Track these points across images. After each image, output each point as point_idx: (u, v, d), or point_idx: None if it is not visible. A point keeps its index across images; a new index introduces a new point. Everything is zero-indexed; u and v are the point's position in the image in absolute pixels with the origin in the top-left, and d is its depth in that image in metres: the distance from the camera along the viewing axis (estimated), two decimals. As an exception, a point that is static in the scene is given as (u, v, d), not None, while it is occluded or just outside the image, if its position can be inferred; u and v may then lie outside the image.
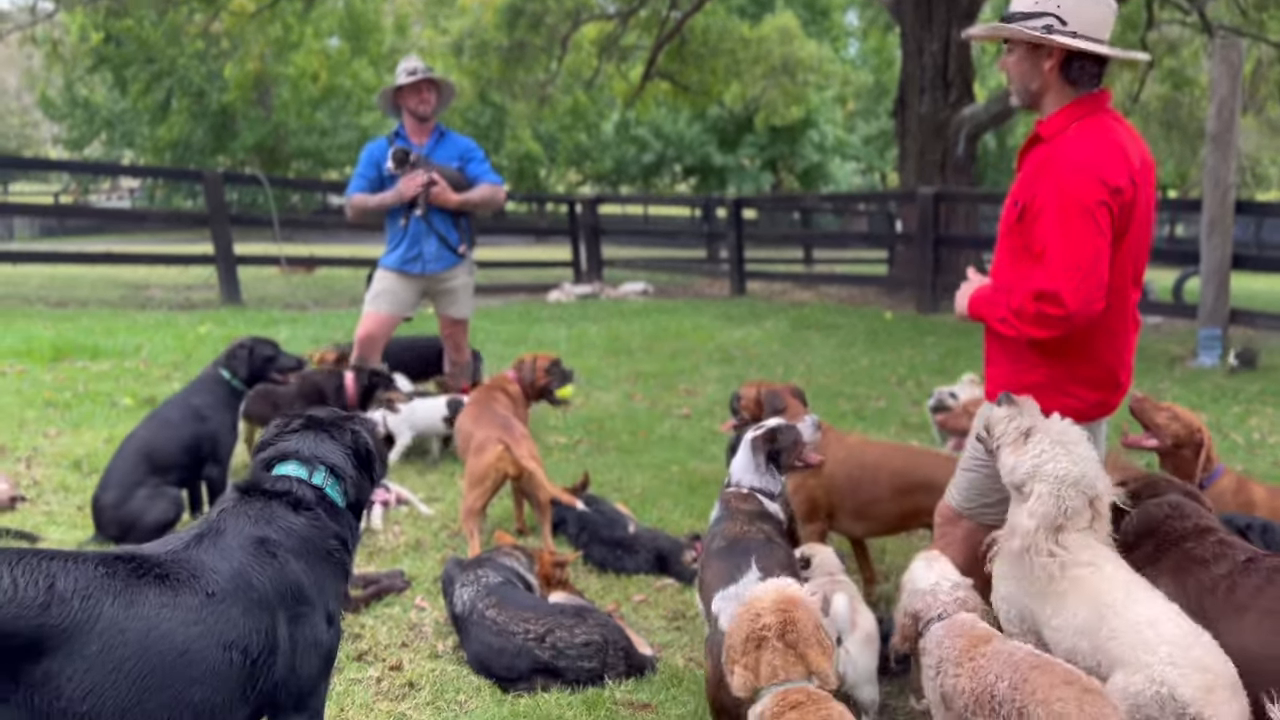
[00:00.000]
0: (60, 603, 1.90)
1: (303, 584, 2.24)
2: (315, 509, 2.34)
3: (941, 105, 14.06)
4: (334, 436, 2.48)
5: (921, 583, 2.70)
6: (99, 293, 13.66)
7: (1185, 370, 8.95)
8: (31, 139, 47.91)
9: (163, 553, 2.14)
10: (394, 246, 6.12)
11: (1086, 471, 2.75)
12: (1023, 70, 2.97)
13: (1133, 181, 2.82)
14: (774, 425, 3.37)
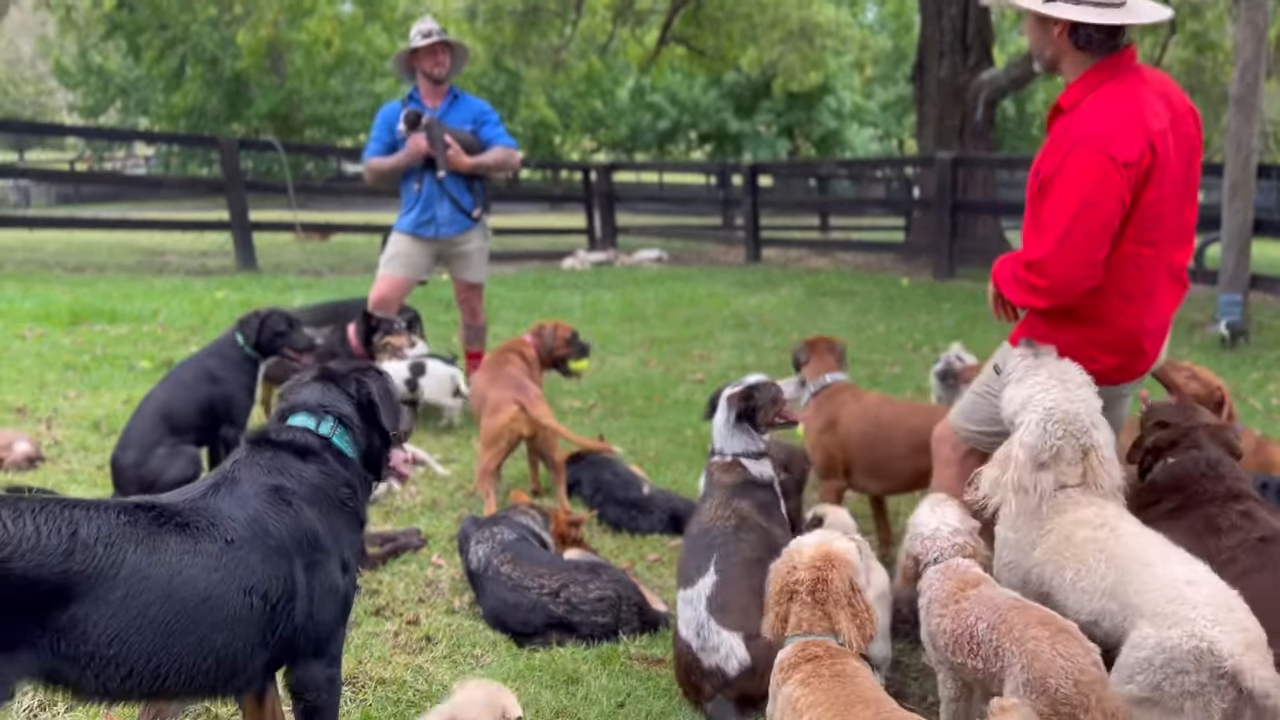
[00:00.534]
0: (84, 549, 1.92)
1: (318, 531, 2.26)
2: (323, 456, 2.36)
3: (960, 69, 13.88)
4: (341, 387, 2.49)
5: (924, 526, 2.73)
6: (116, 258, 13.73)
7: (1205, 336, 8.89)
8: (47, 107, 47.97)
9: (181, 502, 2.16)
10: (408, 210, 6.11)
11: (1080, 413, 2.73)
12: (1036, 37, 2.96)
13: (1151, 147, 2.77)
14: (751, 383, 3.33)
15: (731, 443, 3.25)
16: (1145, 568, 2.49)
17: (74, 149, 39.51)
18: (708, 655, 2.82)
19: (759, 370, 7.42)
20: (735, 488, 3.13)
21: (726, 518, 3.02)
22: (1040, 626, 2.29)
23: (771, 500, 3.17)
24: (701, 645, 2.83)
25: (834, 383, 4.19)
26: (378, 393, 2.50)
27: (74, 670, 1.94)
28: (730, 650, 2.80)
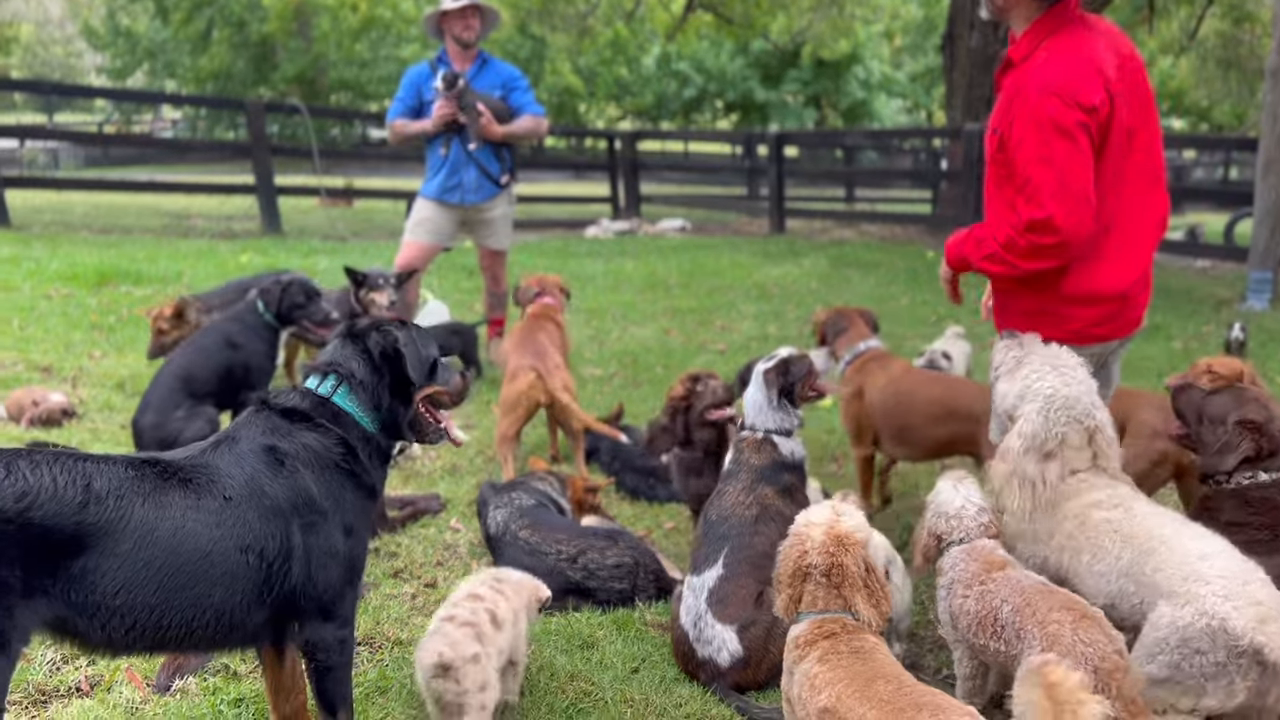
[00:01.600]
0: (97, 502, 1.96)
1: (313, 493, 2.26)
2: (314, 418, 2.33)
3: (991, 40, 13.67)
4: (354, 342, 2.44)
5: (948, 505, 2.70)
6: (142, 220, 13.81)
7: (1233, 314, 8.77)
8: (75, 68, 48.17)
9: (183, 458, 2.19)
10: (433, 175, 6.10)
11: (1080, 395, 2.71)
12: None
13: (1109, 93, 2.74)
14: (785, 356, 3.30)
15: (765, 418, 3.21)
16: (1161, 544, 2.47)
17: (102, 111, 39.72)
18: (701, 646, 2.85)
19: (782, 341, 7.41)
20: (763, 470, 3.10)
21: (748, 505, 2.99)
22: (1064, 610, 2.28)
23: (797, 482, 3.14)
24: (697, 636, 2.86)
25: (867, 350, 4.22)
26: (402, 342, 2.42)
27: (82, 620, 1.97)
28: (723, 643, 2.81)
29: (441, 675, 2.44)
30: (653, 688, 2.86)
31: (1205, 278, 11.12)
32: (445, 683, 2.44)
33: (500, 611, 2.63)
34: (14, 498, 1.87)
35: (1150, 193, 2.93)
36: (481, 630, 2.53)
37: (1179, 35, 19.83)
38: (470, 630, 2.52)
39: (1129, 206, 2.89)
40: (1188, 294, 9.80)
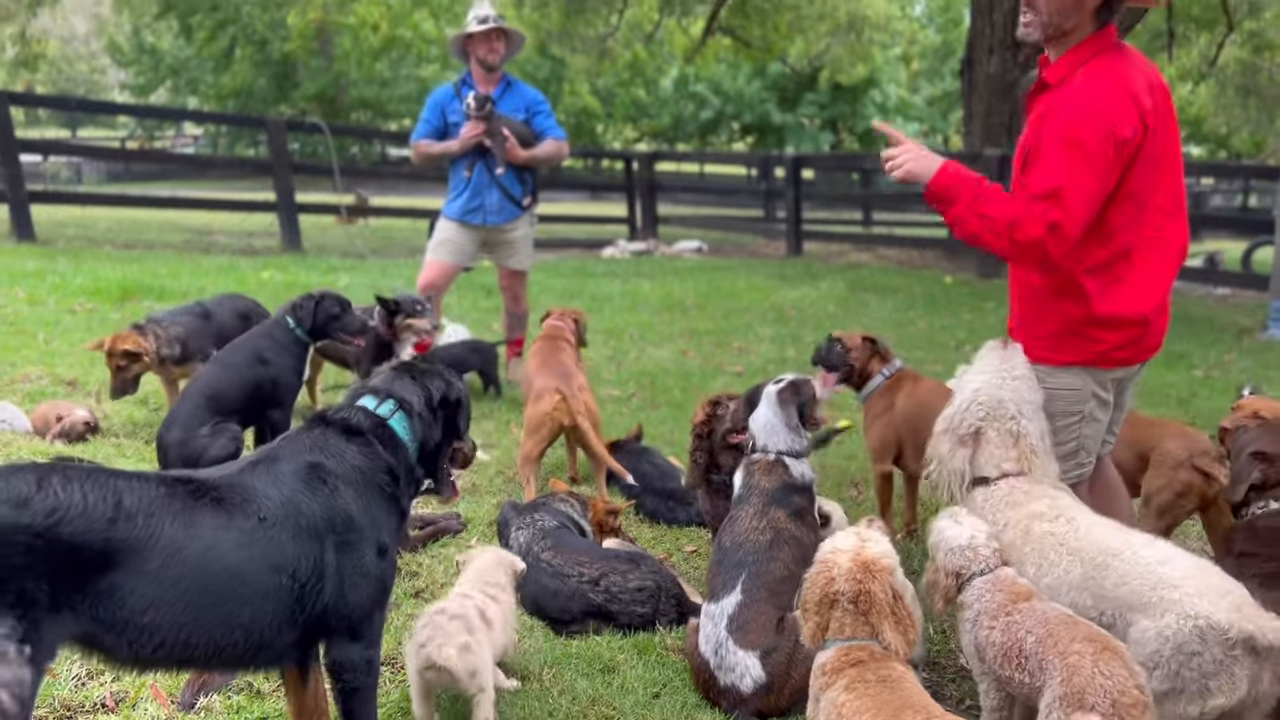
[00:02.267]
0: (126, 519, 1.97)
1: (352, 512, 2.28)
2: (368, 437, 2.38)
3: (1010, 65, 13.68)
4: (415, 379, 2.53)
5: (957, 539, 2.66)
6: (164, 236, 13.94)
7: (1254, 342, 8.73)
8: (99, 84, 48.74)
9: (219, 477, 2.21)
10: (456, 196, 6.15)
11: (1007, 398, 2.85)
12: (1064, 3, 2.82)
13: (1143, 123, 2.75)
14: (794, 379, 3.31)
15: (778, 439, 3.22)
16: (1114, 558, 2.54)
17: (125, 127, 40.14)
18: (723, 674, 2.83)
19: (801, 365, 7.41)
20: (774, 493, 3.09)
21: (761, 530, 2.99)
22: (1086, 642, 2.26)
23: (808, 504, 3.14)
24: (718, 664, 2.84)
25: (901, 369, 4.26)
26: (452, 397, 2.56)
27: (109, 636, 1.99)
28: (745, 669, 2.80)
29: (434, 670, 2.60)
30: (674, 713, 2.85)
31: (1226, 305, 11.07)
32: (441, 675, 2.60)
33: (490, 610, 2.78)
34: (44, 513, 1.89)
35: (1172, 221, 2.95)
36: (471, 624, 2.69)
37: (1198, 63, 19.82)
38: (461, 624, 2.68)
39: (1152, 233, 2.91)
40: (1209, 322, 9.76)
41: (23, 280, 8.55)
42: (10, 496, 1.88)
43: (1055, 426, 3.04)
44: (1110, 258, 2.86)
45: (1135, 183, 2.83)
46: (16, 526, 1.86)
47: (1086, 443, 3.08)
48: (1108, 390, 3.04)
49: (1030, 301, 3.03)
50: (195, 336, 5.06)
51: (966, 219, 2.83)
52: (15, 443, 4.64)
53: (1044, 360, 3.02)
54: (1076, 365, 2.96)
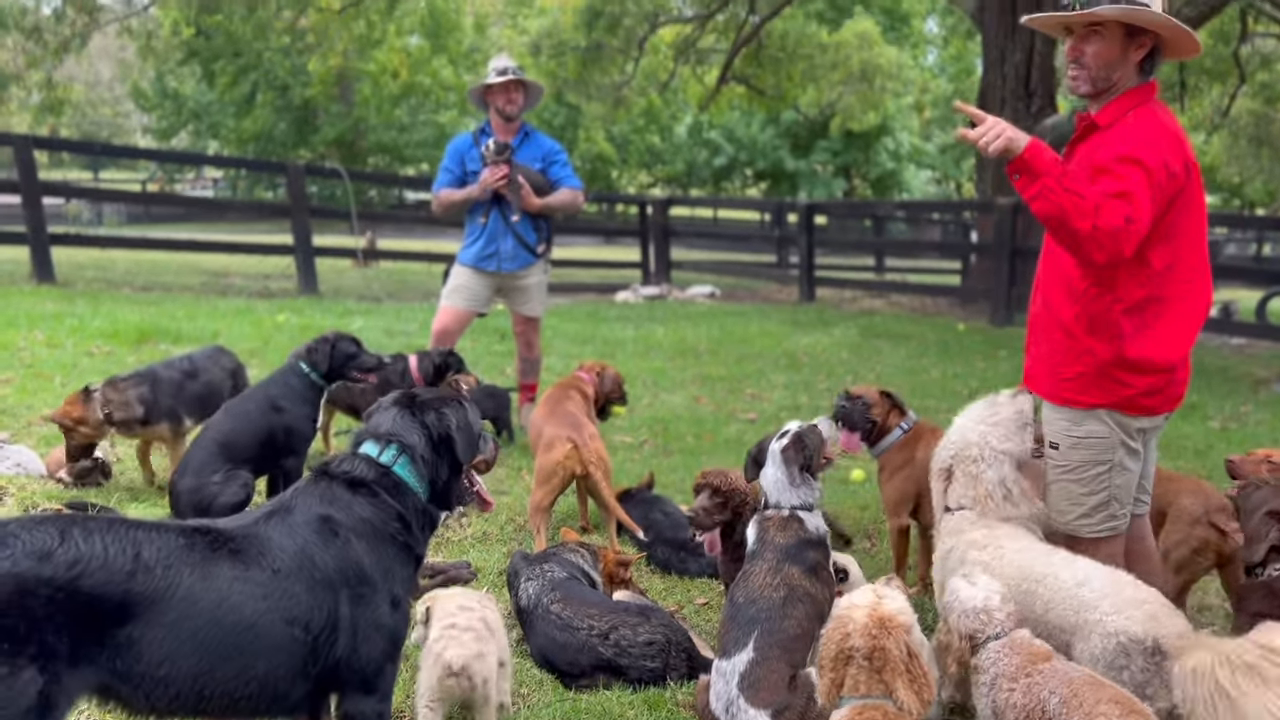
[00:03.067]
0: (145, 571, 1.98)
1: (364, 565, 2.28)
2: (375, 489, 2.37)
3: (1023, 115, 13.77)
4: (417, 415, 2.49)
5: (971, 601, 2.65)
6: (182, 279, 14.07)
7: (1270, 393, 8.67)
8: (122, 128, 49.56)
9: (236, 528, 2.21)
10: (471, 242, 6.20)
11: (973, 441, 3.13)
12: (1111, 58, 2.96)
13: (1186, 167, 2.88)
14: (798, 430, 3.27)
15: (789, 495, 3.18)
16: (1038, 584, 2.76)
17: (146, 169, 40.70)
18: None
19: (814, 412, 7.39)
20: (788, 549, 3.05)
21: (775, 587, 2.95)
22: (1112, 704, 2.24)
23: (822, 559, 3.10)
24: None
25: (920, 421, 4.26)
26: (457, 425, 2.50)
27: (126, 687, 1.99)
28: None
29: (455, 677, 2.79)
30: (684, 770, 2.82)
31: (1241, 355, 11.02)
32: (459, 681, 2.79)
33: (490, 618, 3.00)
34: (66, 565, 1.90)
35: (1201, 278, 3.03)
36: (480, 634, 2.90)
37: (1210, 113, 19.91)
38: (473, 634, 2.88)
39: (1184, 285, 2.99)
40: (1224, 372, 9.70)
41: (42, 323, 8.63)
42: (33, 549, 1.89)
43: (1085, 476, 3.06)
44: (1146, 299, 2.93)
45: (1173, 228, 2.91)
46: (39, 579, 1.87)
47: (1119, 493, 3.07)
48: (1135, 439, 3.04)
49: (1060, 340, 3.06)
50: (166, 395, 4.79)
51: (1056, 191, 2.79)
52: (29, 487, 4.66)
53: (1071, 402, 3.04)
54: (1103, 408, 2.98)
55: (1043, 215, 2.84)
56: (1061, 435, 3.09)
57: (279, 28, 22.45)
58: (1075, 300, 3.00)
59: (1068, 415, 3.06)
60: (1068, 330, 3.03)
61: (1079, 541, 3.15)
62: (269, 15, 20.17)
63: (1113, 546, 3.12)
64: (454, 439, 2.48)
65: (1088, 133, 3.03)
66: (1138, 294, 2.92)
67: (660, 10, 19.35)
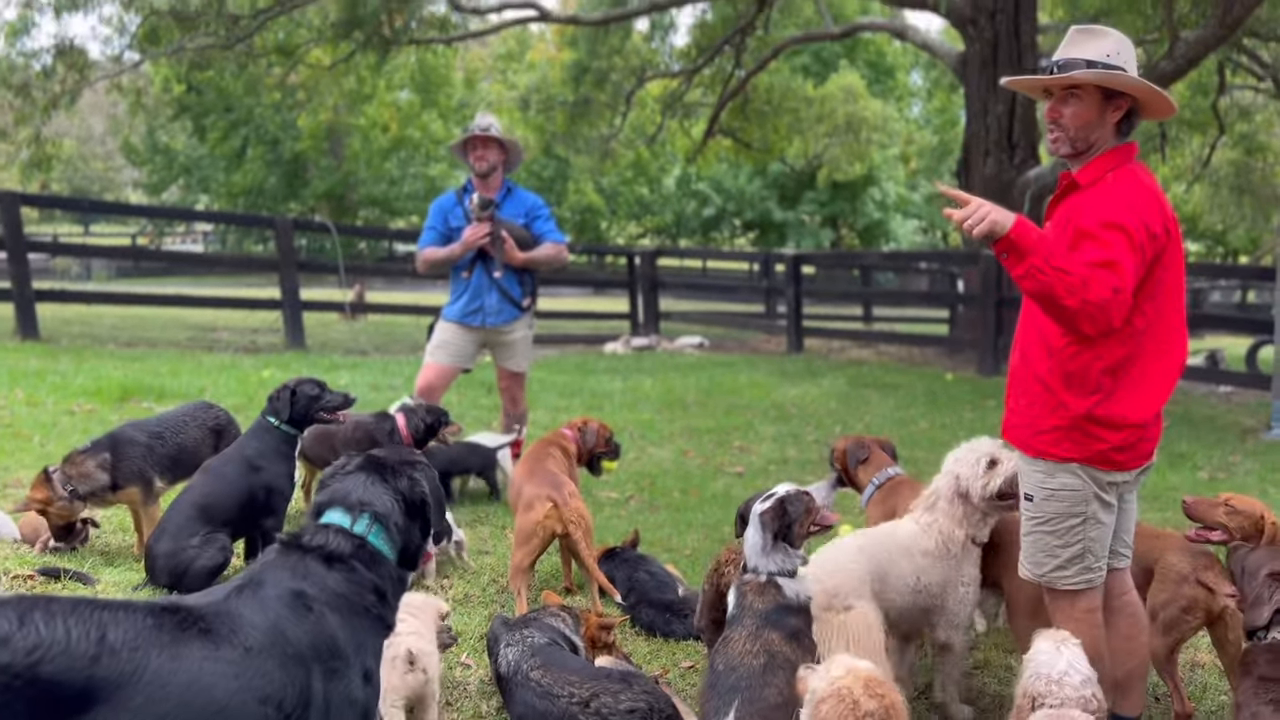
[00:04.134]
0: (110, 654, 1.91)
1: (338, 639, 2.22)
2: (351, 562, 2.31)
3: (1006, 167, 13.94)
4: (386, 480, 2.43)
5: (1050, 666, 2.58)
6: (168, 334, 14.03)
7: (1258, 443, 8.66)
8: (113, 182, 49.84)
9: (205, 604, 2.15)
10: (456, 298, 6.20)
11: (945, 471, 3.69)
12: (1089, 119, 3.00)
13: (1166, 229, 2.91)
14: (782, 495, 3.19)
15: (767, 561, 3.11)
16: None
17: (136, 223, 40.84)
18: None
19: (800, 465, 7.34)
20: (767, 614, 2.98)
21: (755, 654, 2.88)
22: None
23: (804, 625, 3.04)
24: None
25: (895, 475, 4.25)
26: (430, 490, 2.46)
27: None
28: None
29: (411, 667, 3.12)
30: (667, 846, 2.73)
31: (1229, 404, 11.03)
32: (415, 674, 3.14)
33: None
34: (25, 651, 1.83)
35: (1175, 337, 3.06)
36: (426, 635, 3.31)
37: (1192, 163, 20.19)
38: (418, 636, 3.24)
39: (1160, 344, 3.01)
40: (1211, 421, 9.70)
41: (23, 380, 8.56)
42: None
43: (1059, 529, 3.05)
44: (1126, 357, 2.95)
45: (1156, 287, 2.94)
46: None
47: (1093, 546, 3.06)
48: (1108, 493, 3.04)
49: (1037, 394, 3.07)
50: (132, 458, 4.59)
51: (1044, 270, 2.78)
52: (1, 551, 4.57)
53: (1046, 454, 3.05)
54: (1076, 462, 2.99)
55: (1031, 293, 2.87)
56: (1036, 488, 3.10)
57: (269, 84, 22.67)
58: (1052, 355, 3.02)
59: (1042, 468, 3.07)
60: (1044, 384, 3.04)
61: (1055, 594, 3.14)
62: (260, 71, 20.37)
63: (1090, 600, 3.11)
64: (429, 505, 2.43)
65: (1069, 191, 3.06)
66: (1118, 353, 2.94)
67: (647, 65, 19.62)
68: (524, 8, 18.09)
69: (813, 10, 19.47)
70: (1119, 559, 3.25)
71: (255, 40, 16.51)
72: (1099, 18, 13.75)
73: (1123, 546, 3.25)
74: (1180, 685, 3.53)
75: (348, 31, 16.31)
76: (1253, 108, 19.51)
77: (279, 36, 17.59)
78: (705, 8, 18.57)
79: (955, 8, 14.15)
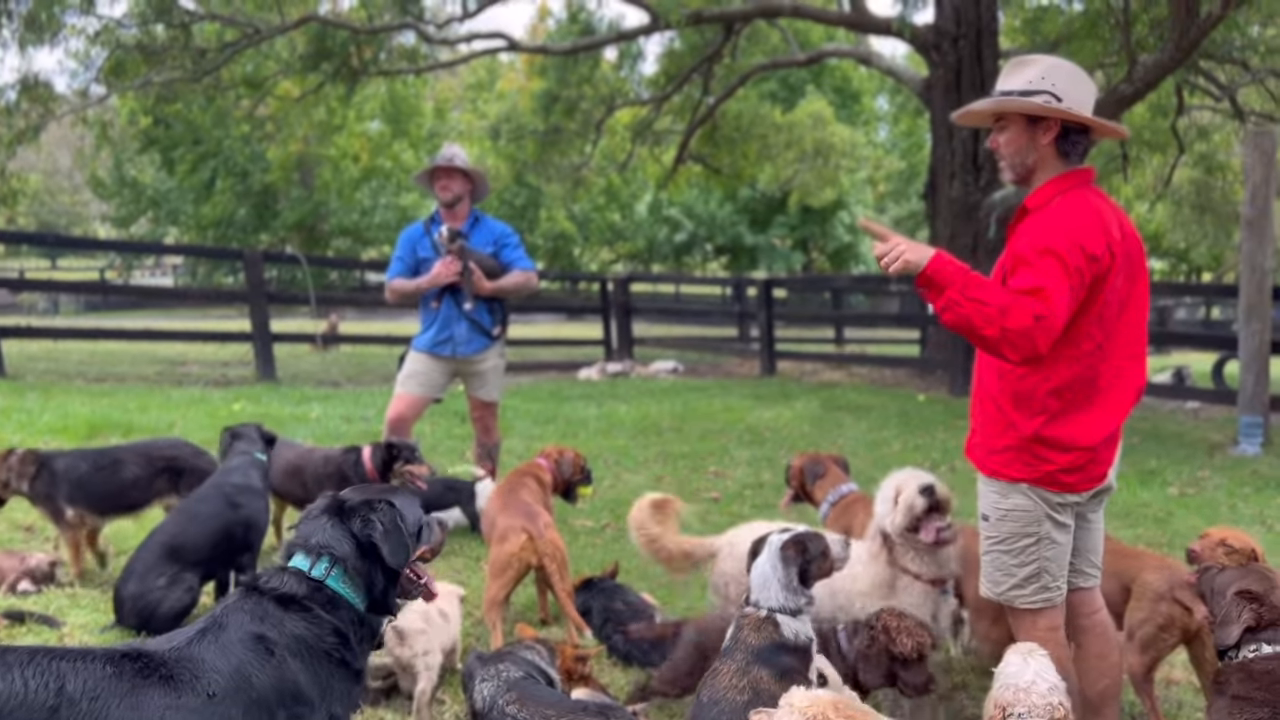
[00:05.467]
0: (69, 705, 1.89)
1: (300, 683, 2.20)
2: (308, 605, 2.30)
3: (972, 189, 14.10)
4: (342, 521, 2.43)
5: (1018, 676, 2.59)
6: (137, 368, 13.87)
7: (1226, 458, 8.75)
8: (81, 215, 49.41)
9: (167, 650, 2.12)
10: (425, 328, 6.18)
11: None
12: (1020, 145, 3.07)
13: (1110, 250, 2.91)
14: (802, 533, 3.15)
15: (771, 595, 3.03)
16: None
17: (105, 257, 40.47)
18: None
19: (775, 489, 7.34)
20: (760, 651, 2.93)
21: (740, 689, 2.85)
22: None
23: (800, 666, 2.96)
24: None
25: (849, 493, 4.31)
26: (381, 531, 2.43)
27: None
28: None
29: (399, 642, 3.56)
30: None
31: (1196, 420, 11.16)
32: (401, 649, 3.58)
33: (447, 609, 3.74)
34: None
35: (1132, 363, 3.07)
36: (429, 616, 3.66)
37: (1154, 182, 20.51)
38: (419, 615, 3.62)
39: (1115, 371, 3.02)
40: (1179, 438, 9.80)
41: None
42: None
43: (1014, 548, 3.08)
44: (1074, 380, 2.96)
45: (1103, 309, 2.94)
46: None
47: (1049, 565, 3.09)
48: (1060, 514, 3.06)
49: (990, 413, 3.11)
50: (52, 481, 4.70)
51: (960, 303, 2.85)
52: (-36, 594, 4.48)
53: (998, 474, 3.09)
54: (1026, 483, 3.02)
55: (950, 326, 2.92)
56: (991, 508, 3.13)
57: (238, 116, 22.60)
58: (1002, 377, 3.06)
59: (996, 488, 3.10)
60: (996, 404, 3.08)
61: (1016, 613, 3.15)
62: (228, 104, 20.31)
63: (1051, 619, 3.12)
64: (379, 546, 2.41)
65: (1021, 217, 3.10)
66: (1065, 374, 2.96)
67: (616, 94, 19.73)
68: (493, 38, 18.16)
69: (779, 38, 19.66)
70: (1086, 578, 3.26)
71: (222, 73, 16.46)
72: (1059, 43, 13.97)
73: (1089, 566, 3.26)
74: (1156, 704, 3.55)
75: (316, 63, 16.30)
76: (1210, 127, 19.88)
77: (247, 69, 17.55)
78: (673, 36, 18.71)
79: (919, 34, 14.35)
